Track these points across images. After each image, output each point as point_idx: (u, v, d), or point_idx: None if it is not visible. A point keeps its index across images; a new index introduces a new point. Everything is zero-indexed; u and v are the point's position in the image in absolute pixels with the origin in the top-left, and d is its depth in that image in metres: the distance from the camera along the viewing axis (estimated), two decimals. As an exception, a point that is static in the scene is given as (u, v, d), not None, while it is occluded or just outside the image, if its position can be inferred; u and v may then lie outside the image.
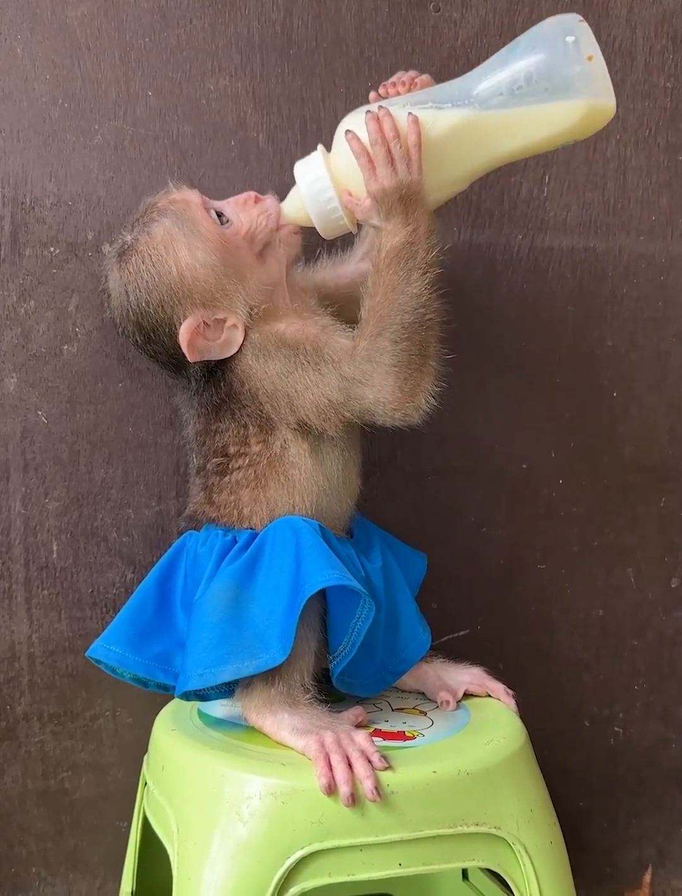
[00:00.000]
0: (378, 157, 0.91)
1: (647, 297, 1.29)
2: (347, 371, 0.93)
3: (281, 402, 0.95)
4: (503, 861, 0.86)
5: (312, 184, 0.95)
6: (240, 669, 0.88)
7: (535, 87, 0.89)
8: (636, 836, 1.37)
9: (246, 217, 0.98)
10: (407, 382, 0.92)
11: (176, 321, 0.95)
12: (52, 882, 1.19)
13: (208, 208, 0.98)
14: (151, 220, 0.96)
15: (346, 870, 0.81)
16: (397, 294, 0.92)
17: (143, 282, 0.95)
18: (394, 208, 0.92)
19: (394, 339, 0.91)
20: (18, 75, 1.10)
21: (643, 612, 1.34)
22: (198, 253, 0.94)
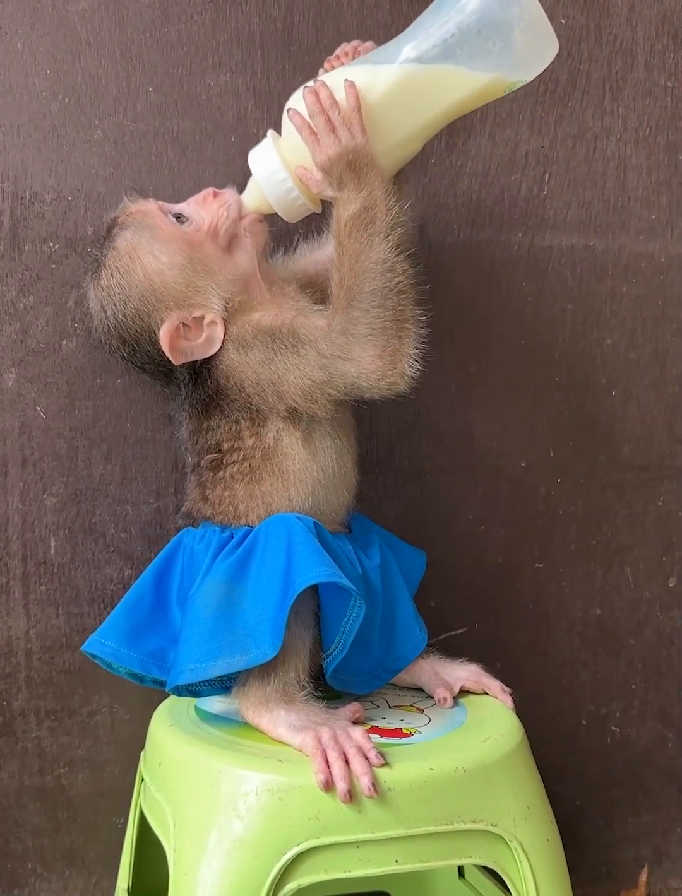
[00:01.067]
0: (319, 127, 0.91)
1: (646, 296, 1.29)
2: (324, 348, 0.92)
3: (267, 390, 0.95)
4: (500, 858, 0.86)
5: (264, 167, 0.95)
6: (231, 664, 0.87)
7: (466, 32, 0.87)
8: (632, 834, 1.37)
9: (206, 212, 0.98)
10: (386, 350, 0.91)
11: (154, 327, 0.96)
12: (48, 878, 1.19)
13: (166, 213, 0.98)
14: (113, 235, 0.97)
15: (342, 866, 0.81)
16: (362, 262, 0.91)
17: (116, 295, 0.96)
18: (344, 176, 0.91)
19: (366, 308, 0.91)
20: (19, 70, 1.10)
21: (641, 610, 1.34)
22: (162, 256, 0.95)
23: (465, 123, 1.21)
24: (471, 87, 0.91)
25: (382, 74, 0.91)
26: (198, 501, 1.02)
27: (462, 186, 1.22)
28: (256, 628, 0.87)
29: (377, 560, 1.01)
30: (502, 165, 1.23)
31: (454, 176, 1.22)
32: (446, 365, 1.24)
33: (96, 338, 1.02)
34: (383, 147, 0.93)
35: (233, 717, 0.94)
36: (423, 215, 1.21)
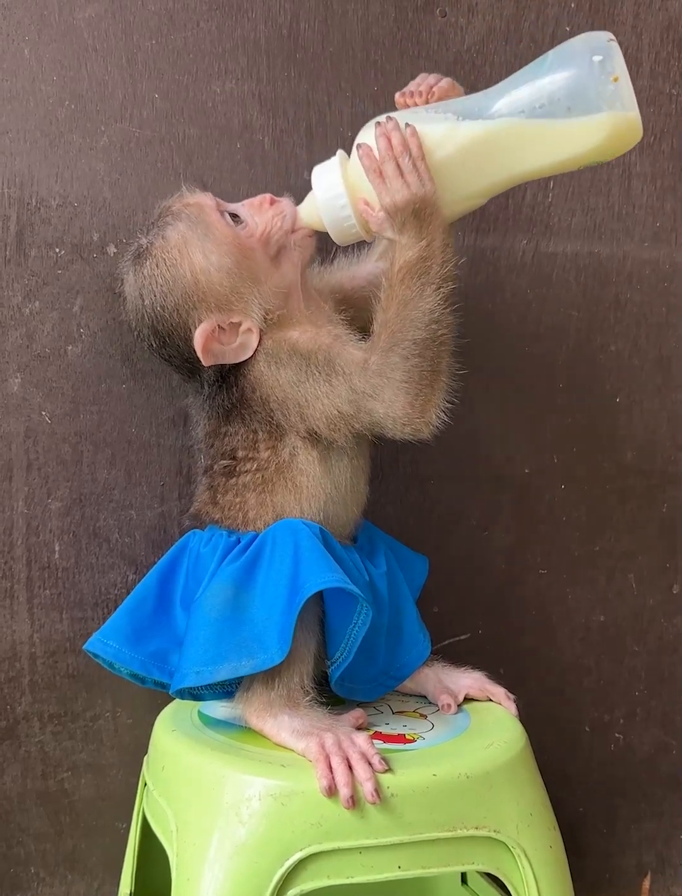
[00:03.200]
0: (388, 172, 0.90)
1: (650, 303, 1.29)
2: (357, 384, 0.92)
3: (291, 410, 0.95)
4: (503, 865, 0.86)
5: (326, 190, 0.94)
6: (237, 668, 0.88)
7: (557, 105, 0.87)
8: (635, 842, 1.37)
9: (261, 219, 0.98)
10: (418, 398, 0.92)
11: (191, 325, 0.95)
12: (50, 882, 1.19)
13: (222, 211, 0.98)
14: (165, 224, 0.96)
15: (345, 872, 0.81)
16: (410, 310, 0.91)
17: (157, 286, 0.96)
18: (407, 222, 0.91)
19: (405, 356, 0.91)
20: (25, 76, 1.10)
21: (644, 617, 1.34)
22: (212, 256, 0.94)
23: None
24: (548, 158, 0.90)
25: (462, 129, 0.90)
26: (207, 504, 1.02)
27: (467, 193, 1.22)
28: (263, 633, 0.87)
29: (383, 568, 1.01)
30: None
31: (459, 183, 1.22)
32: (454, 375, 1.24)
33: (126, 321, 1.02)
34: (448, 199, 0.92)
35: (236, 722, 0.94)
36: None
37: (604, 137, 0.88)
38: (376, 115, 1.15)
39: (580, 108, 0.87)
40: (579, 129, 0.88)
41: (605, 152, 0.90)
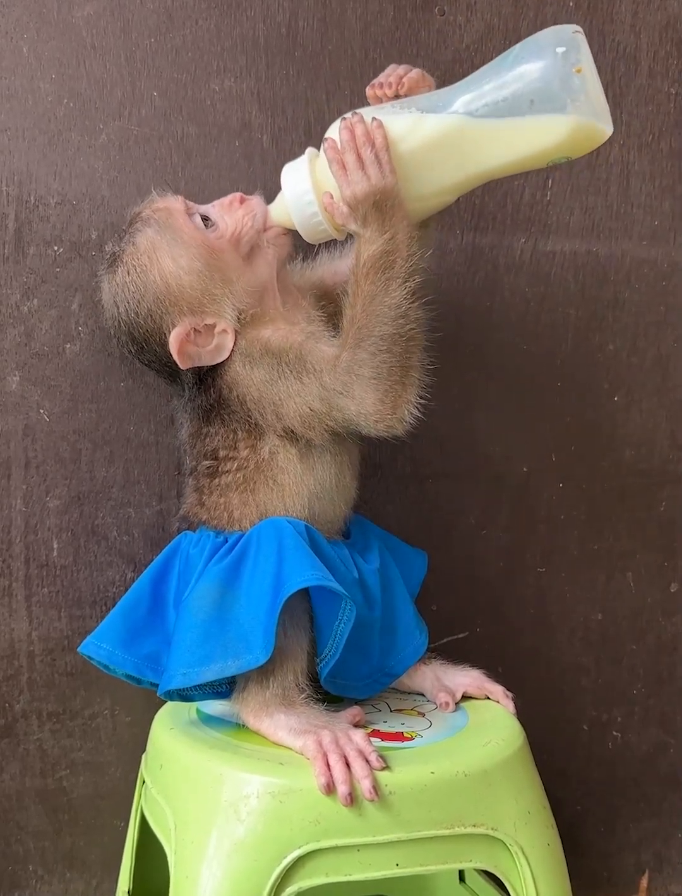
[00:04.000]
0: (349, 162, 0.90)
1: (649, 302, 1.29)
2: (327, 382, 0.92)
3: (267, 408, 0.95)
4: (500, 863, 0.86)
5: (294, 186, 0.94)
6: (223, 669, 0.88)
7: (520, 99, 0.86)
8: (633, 840, 1.37)
9: (231, 219, 0.98)
10: (388, 395, 0.91)
11: (166, 330, 0.95)
12: (48, 881, 1.19)
13: (192, 213, 0.97)
14: (135, 231, 0.96)
15: (343, 870, 0.81)
16: (376, 305, 0.91)
17: (130, 293, 0.96)
18: (369, 214, 0.90)
19: (373, 352, 0.90)
20: (24, 75, 1.10)
21: (643, 616, 1.34)
22: (181, 260, 0.94)
23: (468, 129, 1.21)
24: (512, 154, 0.89)
25: (426, 122, 0.90)
26: (194, 506, 1.02)
27: (465, 192, 1.22)
28: (248, 633, 0.87)
29: (376, 564, 1.01)
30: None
31: (458, 181, 1.22)
32: (449, 370, 1.24)
33: (106, 329, 1.02)
34: (414, 194, 0.92)
35: (234, 720, 0.94)
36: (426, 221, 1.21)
37: (567, 134, 0.86)
38: (374, 114, 1.17)
39: (543, 102, 0.85)
40: (542, 125, 0.86)
41: (571, 149, 0.88)
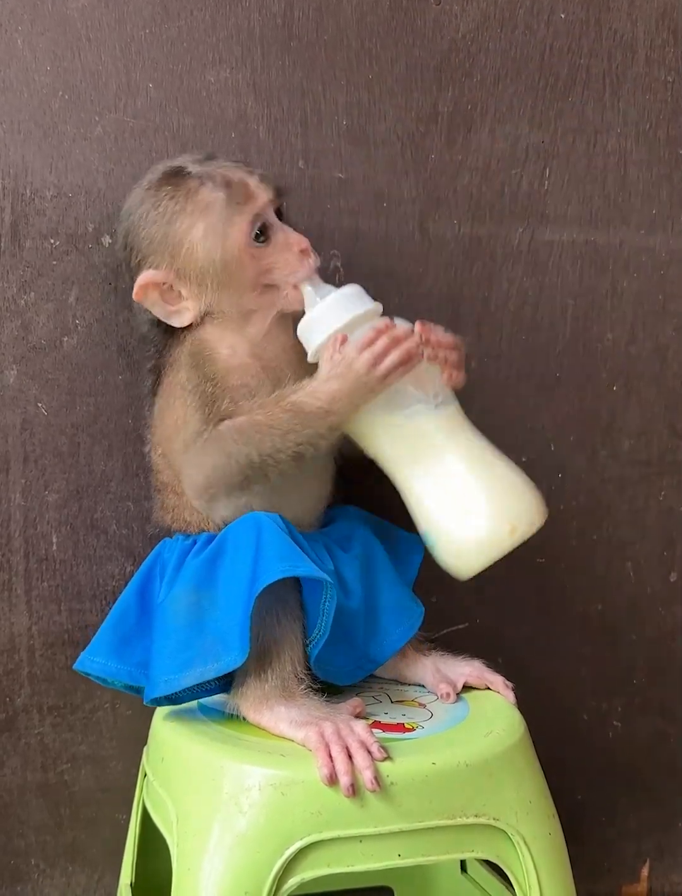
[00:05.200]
0: (364, 340, 0.90)
1: (647, 292, 1.29)
2: (188, 441, 0.93)
3: (170, 402, 0.97)
4: (502, 852, 0.86)
5: (325, 319, 0.93)
6: (203, 673, 0.88)
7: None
8: (634, 830, 1.38)
9: (281, 255, 0.97)
10: (209, 490, 0.93)
11: (149, 261, 0.96)
12: (50, 874, 1.19)
13: (259, 218, 0.96)
14: (214, 175, 0.95)
15: (345, 861, 0.81)
16: (267, 433, 0.90)
17: (156, 210, 0.96)
18: (333, 379, 0.90)
19: (230, 451, 0.91)
20: (19, 66, 1.09)
21: (642, 606, 1.34)
22: (209, 240, 0.94)
23: (465, 119, 1.21)
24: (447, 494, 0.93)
25: (443, 411, 0.94)
26: (158, 510, 1.03)
27: (462, 181, 1.22)
28: (226, 634, 0.87)
29: (357, 551, 1.00)
30: (502, 160, 1.23)
31: (454, 171, 1.21)
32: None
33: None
34: (366, 420, 0.92)
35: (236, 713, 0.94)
36: (423, 210, 1.21)
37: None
38: (371, 104, 1.17)
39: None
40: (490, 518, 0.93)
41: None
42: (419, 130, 1.20)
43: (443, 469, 0.92)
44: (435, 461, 0.93)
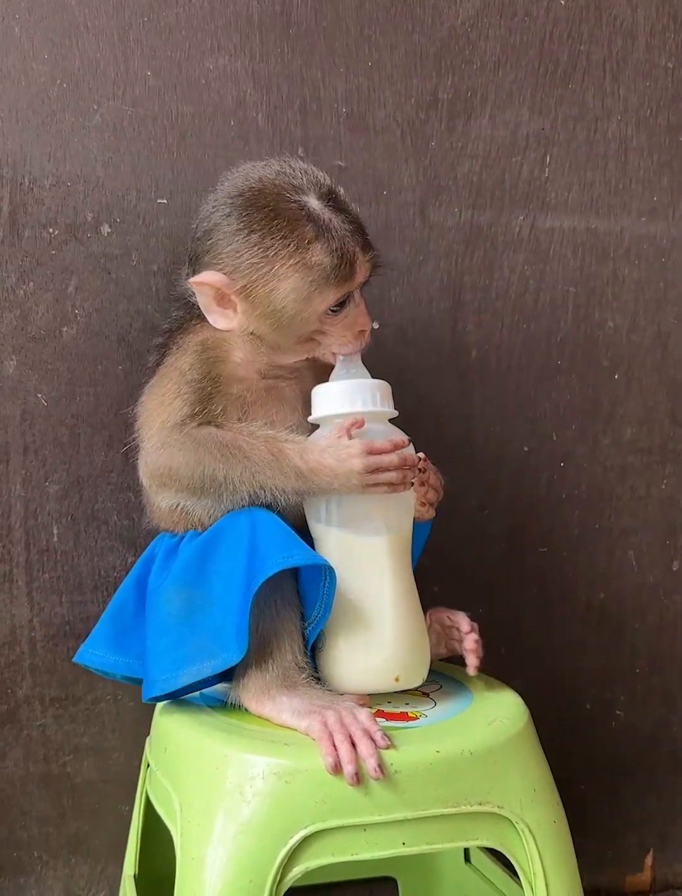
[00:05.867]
0: (377, 446, 0.89)
1: (648, 279, 1.29)
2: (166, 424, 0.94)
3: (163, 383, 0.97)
4: (507, 840, 0.86)
5: (344, 389, 0.93)
6: (200, 671, 0.88)
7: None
8: (637, 819, 1.38)
9: (343, 327, 0.95)
10: (156, 483, 0.95)
11: (223, 267, 0.93)
12: (53, 866, 1.19)
13: (348, 296, 0.94)
14: (333, 236, 0.91)
15: (349, 849, 0.81)
16: (241, 461, 0.90)
17: (259, 235, 0.91)
18: (328, 456, 0.89)
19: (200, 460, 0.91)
20: (16, 55, 1.09)
21: (645, 595, 1.34)
22: (292, 295, 0.92)
23: (465, 105, 1.21)
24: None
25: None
26: (149, 506, 1.03)
27: (463, 169, 1.21)
28: (222, 631, 0.87)
29: None
30: (502, 147, 1.22)
31: (455, 158, 1.21)
32: (447, 349, 1.24)
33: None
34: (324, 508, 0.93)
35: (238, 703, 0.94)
36: (424, 197, 1.20)
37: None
38: (370, 91, 1.17)
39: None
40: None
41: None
42: (419, 117, 1.20)
43: (367, 589, 0.92)
44: (364, 577, 0.92)
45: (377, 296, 1.20)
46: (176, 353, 0.97)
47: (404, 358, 1.21)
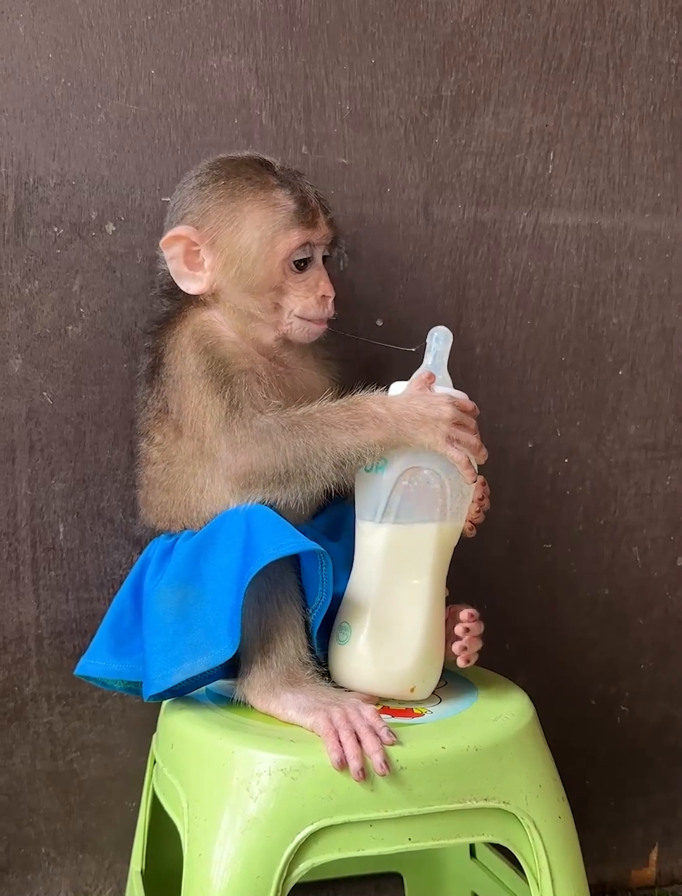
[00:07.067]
0: (461, 403, 0.91)
1: (652, 275, 1.29)
2: (232, 420, 0.91)
3: (175, 394, 0.96)
4: (512, 836, 0.86)
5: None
6: (193, 668, 0.88)
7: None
8: (642, 814, 1.38)
9: (304, 290, 0.98)
10: (249, 476, 0.91)
11: (192, 220, 0.97)
12: (61, 862, 1.20)
13: (308, 250, 0.97)
14: (296, 187, 0.97)
15: (356, 845, 0.81)
16: (319, 429, 0.89)
17: (226, 181, 0.97)
18: (416, 401, 0.90)
19: (279, 445, 0.89)
20: (21, 54, 1.09)
21: (649, 590, 1.34)
22: (256, 232, 0.95)
23: (469, 102, 1.21)
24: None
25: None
26: (143, 505, 1.03)
27: (467, 165, 1.21)
28: (214, 627, 0.88)
29: (346, 539, 0.99)
30: (506, 144, 1.22)
31: (459, 155, 1.21)
32: (452, 345, 1.23)
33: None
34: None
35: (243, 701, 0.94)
36: (427, 194, 1.20)
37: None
38: (374, 88, 1.17)
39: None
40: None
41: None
42: (423, 115, 1.20)
43: (407, 594, 0.92)
44: (405, 580, 0.92)
45: (381, 292, 1.20)
46: (174, 361, 0.96)
47: (409, 355, 1.21)
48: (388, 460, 0.90)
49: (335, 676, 0.93)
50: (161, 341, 0.98)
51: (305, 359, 1.02)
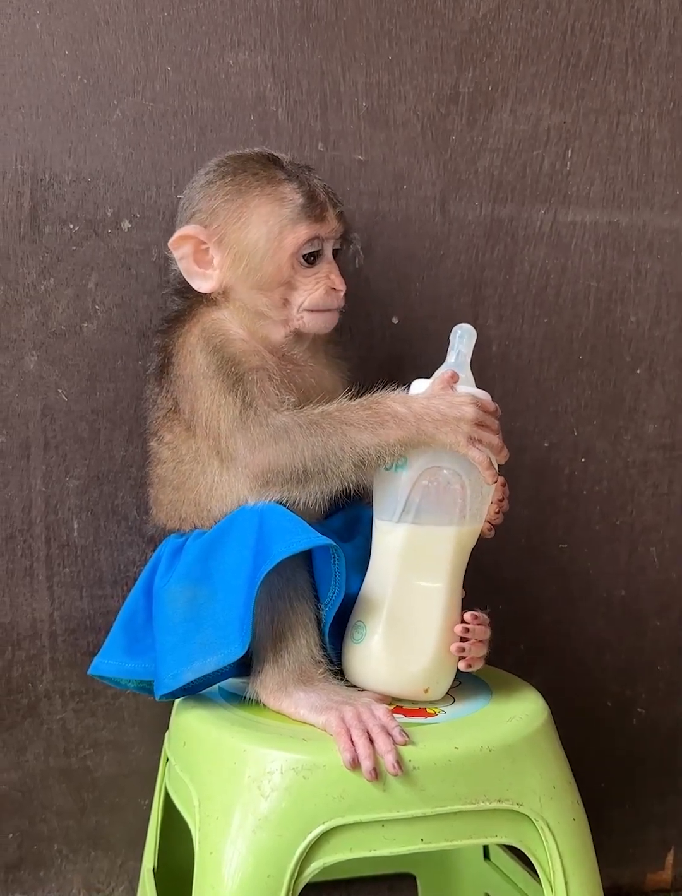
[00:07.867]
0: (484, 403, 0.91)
1: (671, 273, 1.28)
2: (248, 418, 0.91)
3: (187, 395, 0.95)
4: (526, 838, 0.86)
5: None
6: (203, 667, 0.88)
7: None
8: (658, 816, 1.37)
9: (314, 283, 0.97)
10: (266, 475, 0.90)
11: (199, 218, 0.97)
12: (73, 859, 1.20)
13: (318, 243, 0.97)
14: (304, 181, 0.96)
15: (367, 845, 0.81)
16: (338, 427, 0.89)
17: (234, 177, 0.97)
18: (437, 400, 0.89)
19: (298, 442, 0.89)
20: (37, 51, 1.09)
21: (667, 591, 1.33)
22: (264, 227, 0.95)
23: (486, 99, 1.20)
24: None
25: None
26: (154, 504, 1.03)
27: (484, 162, 1.21)
28: (225, 626, 0.88)
29: (359, 540, 0.99)
30: (524, 141, 1.22)
31: (476, 152, 1.20)
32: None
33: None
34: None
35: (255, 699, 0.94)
36: (444, 191, 1.20)
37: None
38: (390, 85, 1.17)
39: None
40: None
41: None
42: (440, 111, 1.19)
43: (424, 595, 0.92)
44: (422, 581, 0.91)
45: (397, 290, 1.20)
46: (183, 361, 0.96)
47: (424, 353, 1.21)
48: (408, 459, 0.89)
49: (349, 675, 0.92)
50: (170, 340, 0.98)
51: (316, 357, 1.02)
